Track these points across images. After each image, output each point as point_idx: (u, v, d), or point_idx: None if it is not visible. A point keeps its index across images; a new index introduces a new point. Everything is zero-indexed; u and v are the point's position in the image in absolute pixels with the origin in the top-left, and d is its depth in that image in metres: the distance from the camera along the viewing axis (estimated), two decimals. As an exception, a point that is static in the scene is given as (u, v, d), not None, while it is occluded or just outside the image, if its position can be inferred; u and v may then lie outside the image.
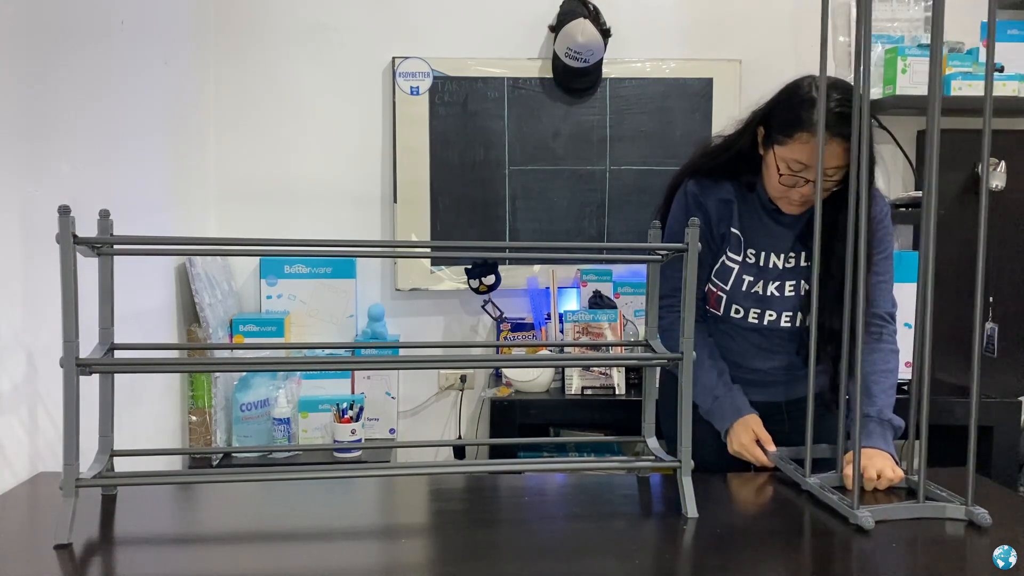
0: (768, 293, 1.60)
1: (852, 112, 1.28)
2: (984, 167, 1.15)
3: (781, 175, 1.49)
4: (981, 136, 1.14)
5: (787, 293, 1.60)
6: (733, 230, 1.60)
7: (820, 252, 1.36)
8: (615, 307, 2.54)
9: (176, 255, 2.23)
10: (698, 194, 1.61)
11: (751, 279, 1.60)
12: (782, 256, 1.60)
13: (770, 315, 1.61)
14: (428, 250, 2.60)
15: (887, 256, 1.60)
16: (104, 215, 1.18)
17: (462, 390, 2.71)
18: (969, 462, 1.21)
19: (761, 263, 1.60)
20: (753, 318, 1.61)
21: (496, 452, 2.41)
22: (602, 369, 2.40)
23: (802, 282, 1.59)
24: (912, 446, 1.38)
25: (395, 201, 2.63)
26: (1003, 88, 2.47)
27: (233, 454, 2.35)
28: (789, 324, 1.61)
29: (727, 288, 1.61)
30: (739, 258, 1.60)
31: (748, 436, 1.54)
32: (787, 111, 1.48)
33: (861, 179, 1.24)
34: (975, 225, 1.17)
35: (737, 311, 1.62)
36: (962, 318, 1.25)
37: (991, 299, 2.61)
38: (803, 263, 1.59)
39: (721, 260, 1.61)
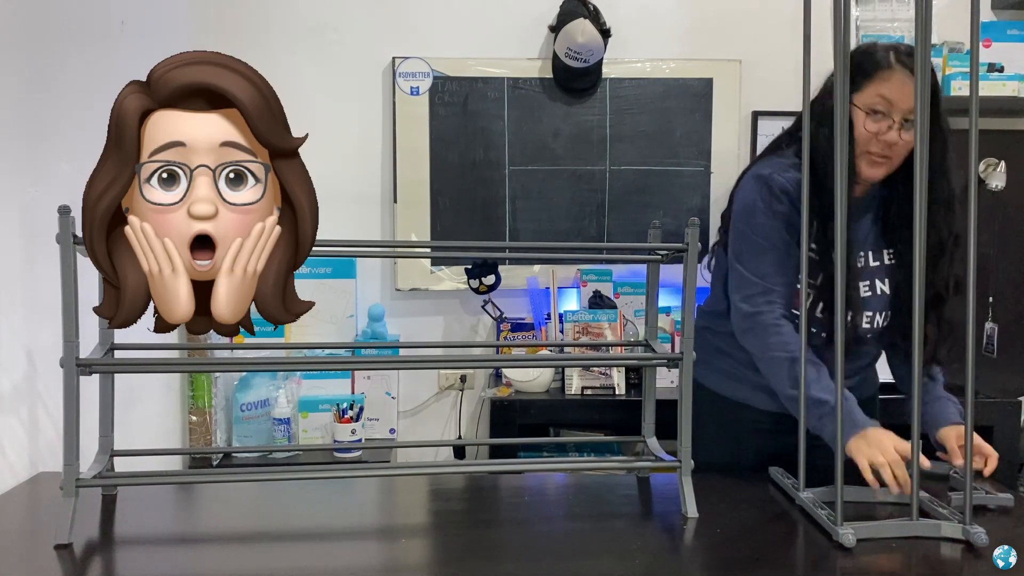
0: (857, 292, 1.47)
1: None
2: (973, 167, 1.14)
3: (867, 119, 1.40)
4: (980, 136, 1.13)
5: (864, 293, 1.48)
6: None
7: (904, 244, 1.38)
8: (615, 307, 2.54)
9: (176, 255, 2.23)
10: (781, 179, 1.45)
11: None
12: (870, 253, 1.49)
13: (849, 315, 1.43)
14: (428, 250, 2.61)
15: None
16: (104, 215, 1.18)
17: (462, 390, 2.71)
18: (967, 481, 1.16)
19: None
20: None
21: (496, 452, 2.41)
22: (602, 369, 2.40)
23: (886, 281, 1.48)
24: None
25: (395, 201, 2.63)
26: (1003, 88, 2.47)
27: (233, 454, 2.35)
28: (869, 325, 1.49)
29: (817, 283, 1.44)
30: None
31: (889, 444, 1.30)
32: (859, 62, 1.40)
33: (841, 177, 1.23)
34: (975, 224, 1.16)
35: (823, 311, 1.45)
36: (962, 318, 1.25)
37: (991, 299, 2.61)
38: (888, 261, 1.48)
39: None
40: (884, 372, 1.70)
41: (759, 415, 1.57)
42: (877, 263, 1.51)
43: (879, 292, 1.50)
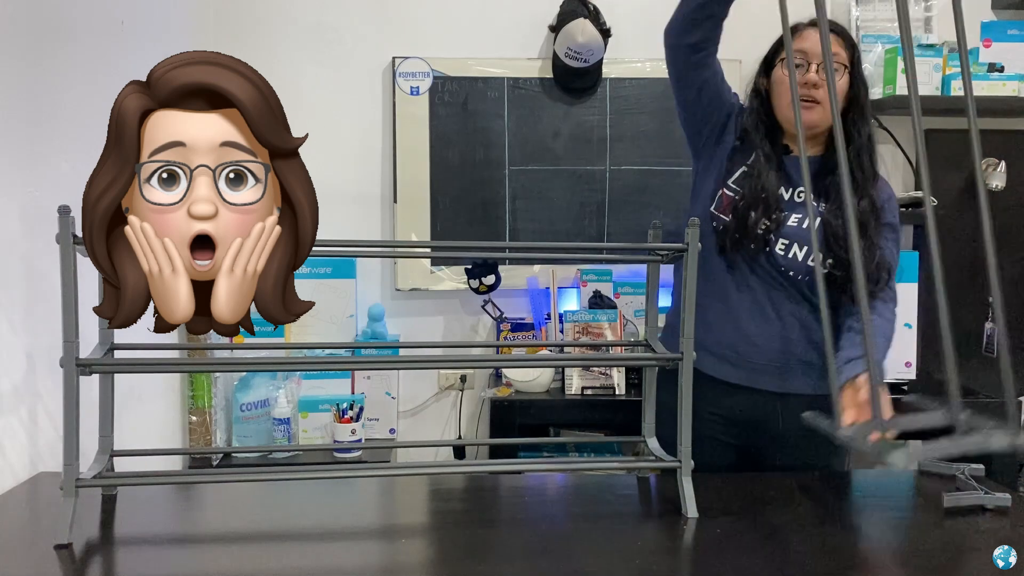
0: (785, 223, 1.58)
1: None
2: (977, 167, 1.14)
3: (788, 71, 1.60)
4: (980, 136, 1.13)
5: (791, 223, 1.57)
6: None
7: (832, 205, 1.51)
8: (615, 307, 2.54)
9: (176, 255, 2.23)
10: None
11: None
12: (792, 190, 1.61)
13: (782, 243, 1.56)
14: (428, 250, 2.60)
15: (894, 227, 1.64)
16: (104, 215, 1.18)
17: (462, 390, 2.71)
18: (1006, 387, 1.01)
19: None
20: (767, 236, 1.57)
21: (496, 452, 2.41)
22: (602, 369, 2.40)
23: (816, 220, 1.55)
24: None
25: (395, 201, 2.63)
26: (1003, 88, 2.47)
27: (233, 454, 2.35)
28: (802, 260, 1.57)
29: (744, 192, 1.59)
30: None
31: None
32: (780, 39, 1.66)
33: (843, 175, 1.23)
34: (975, 225, 1.16)
35: (751, 221, 1.56)
36: (962, 318, 1.24)
37: (991, 299, 2.61)
38: (813, 202, 1.59)
39: (740, 170, 1.63)
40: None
41: (712, 382, 1.60)
42: (801, 199, 1.62)
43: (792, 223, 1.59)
